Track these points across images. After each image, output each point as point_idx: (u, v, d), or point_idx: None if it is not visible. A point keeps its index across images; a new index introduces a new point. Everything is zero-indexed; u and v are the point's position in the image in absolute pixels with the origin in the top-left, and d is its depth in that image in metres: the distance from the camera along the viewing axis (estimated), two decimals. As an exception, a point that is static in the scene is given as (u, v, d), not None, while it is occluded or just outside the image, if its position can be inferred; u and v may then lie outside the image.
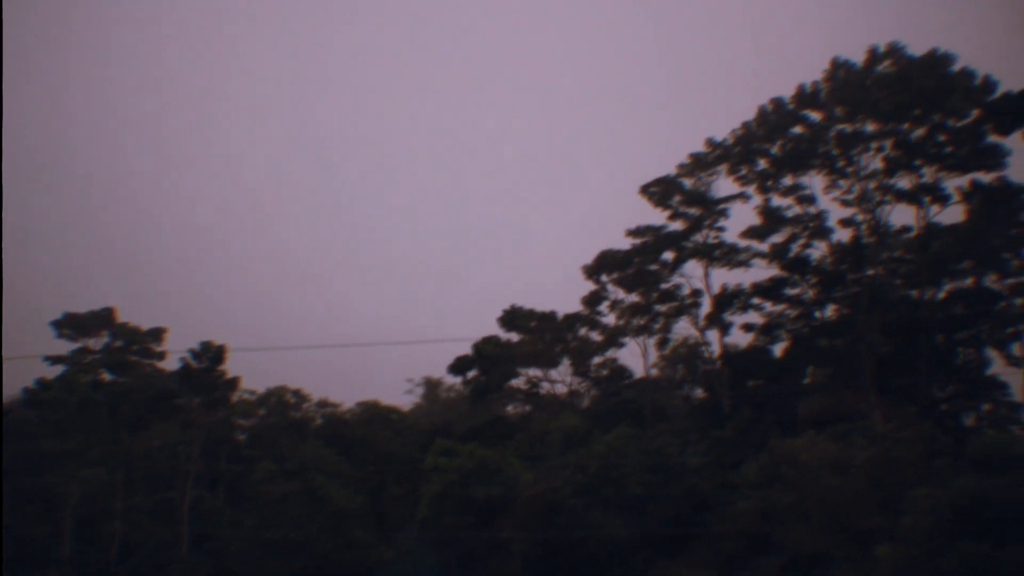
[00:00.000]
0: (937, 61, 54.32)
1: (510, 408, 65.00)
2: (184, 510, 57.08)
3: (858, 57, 57.47)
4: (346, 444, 63.44)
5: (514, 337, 62.29)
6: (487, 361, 61.00)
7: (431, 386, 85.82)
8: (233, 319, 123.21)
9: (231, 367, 60.20)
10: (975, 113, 53.08)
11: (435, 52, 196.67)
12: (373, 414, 68.45)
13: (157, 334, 66.13)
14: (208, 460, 61.90)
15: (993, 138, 52.24)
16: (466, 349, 61.22)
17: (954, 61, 54.19)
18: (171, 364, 62.80)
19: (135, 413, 58.73)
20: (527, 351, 60.81)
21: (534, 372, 62.54)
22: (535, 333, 61.06)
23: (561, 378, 63.02)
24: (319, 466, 56.93)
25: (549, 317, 61.57)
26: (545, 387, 63.20)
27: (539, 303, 64.46)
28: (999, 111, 48.54)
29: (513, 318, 61.68)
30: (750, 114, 60.02)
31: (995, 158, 53.65)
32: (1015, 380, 53.99)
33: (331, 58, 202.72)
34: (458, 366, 62.51)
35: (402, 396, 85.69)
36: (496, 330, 62.54)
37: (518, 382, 62.72)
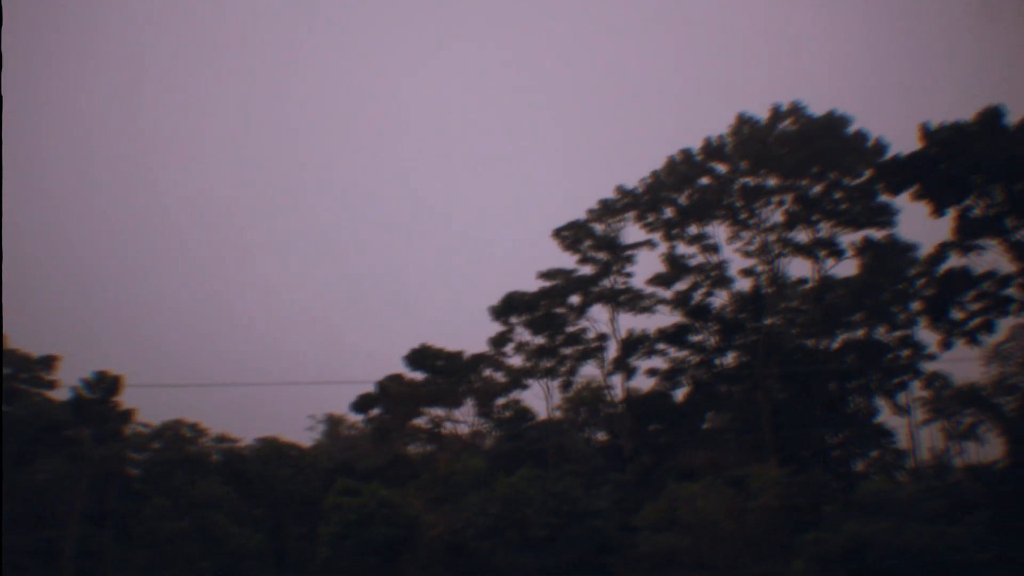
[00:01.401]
0: (835, 122, 57.05)
1: (413, 447, 64.55)
2: (68, 549, 54.74)
3: (763, 113, 59.93)
4: (244, 481, 61.93)
5: (420, 376, 62.09)
6: (391, 399, 60.60)
7: (333, 423, 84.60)
8: (137, 351, 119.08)
9: (127, 399, 58.43)
10: (868, 173, 55.74)
11: (317, 106, 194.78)
12: (272, 450, 67.05)
13: (49, 362, 63.70)
14: (97, 495, 59.55)
15: (884, 197, 54.81)
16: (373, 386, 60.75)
17: (850, 123, 57.05)
18: (64, 394, 60.55)
19: (20, 445, 56.26)
20: (432, 390, 60.65)
21: (438, 412, 62.33)
22: (441, 373, 60.93)
23: (465, 418, 63.01)
24: (215, 503, 55.42)
25: (456, 357, 61.52)
26: (448, 427, 63.10)
27: (451, 342, 64.57)
28: (890, 172, 50.95)
29: (420, 357, 61.48)
30: (656, 163, 61.83)
31: (886, 216, 56.43)
32: (901, 428, 56.47)
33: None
34: (361, 404, 61.94)
35: (303, 433, 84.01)
36: (403, 368, 62.33)
37: (421, 421, 62.43)
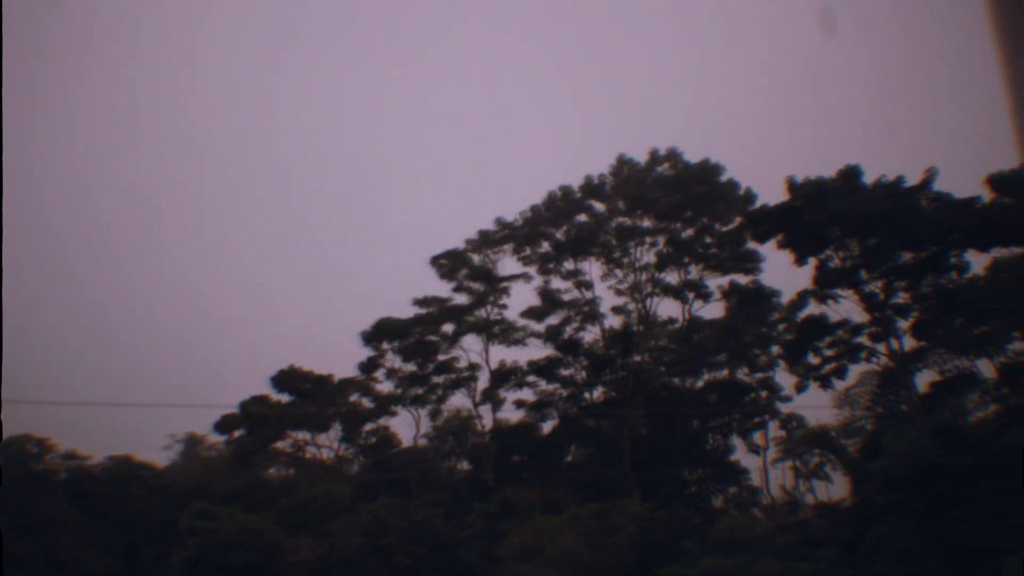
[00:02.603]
0: (709, 169, 59.40)
1: (274, 471, 62.84)
2: None
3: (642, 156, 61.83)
4: (94, 501, 58.88)
5: (286, 399, 60.61)
6: (254, 421, 58.93)
7: (192, 443, 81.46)
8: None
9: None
10: (738, 220, 58.16)
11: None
12: (126, 470, 64.01)
13: None
14: (-72, 515, 55.53)
15: (752, 244, 57.24)
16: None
17: (723, 171, 59.45)
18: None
19: None
20: (297, 413, 59.33)
21: (303, 435, 60.95)
22: (308, 396, 59.66)
23: (330, 443, 61.82)
24: (61, 524, 52.47)
25: (324, 380, 60.34)
26: (312, 451, 61.77)
27: (325, 366, 63.21)
28: (758, 221, 53.33)
29: (287, 379, 60.03)
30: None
31: (752, 262, 58.96)
32: (756, 466, 58.75)
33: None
34: (224, 424, 59.97)
35: (160, 452, 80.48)
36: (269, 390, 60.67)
37: (285, 444, 60.91)
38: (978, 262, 49.69)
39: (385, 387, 61.75)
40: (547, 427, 62.41)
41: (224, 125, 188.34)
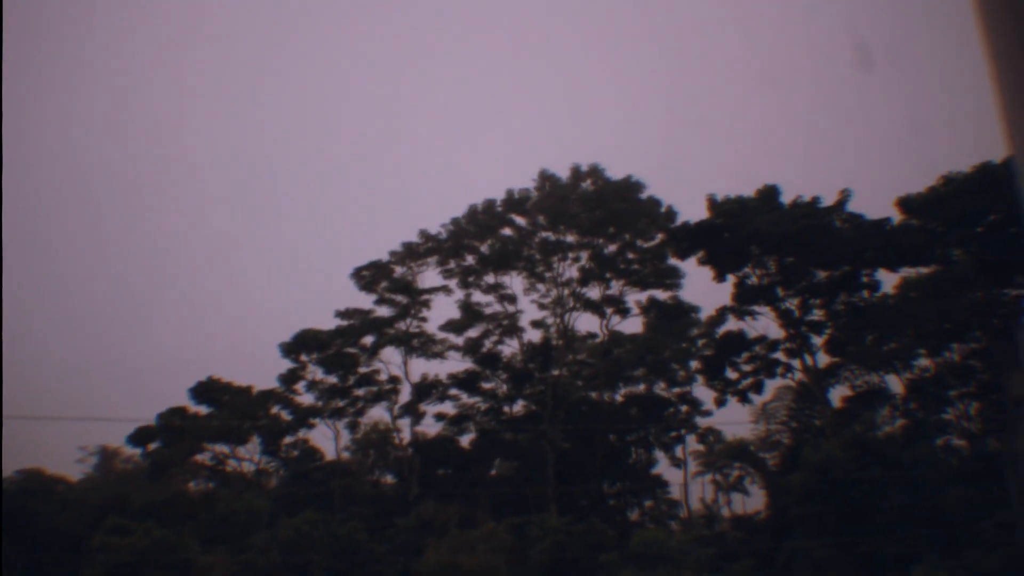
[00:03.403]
0: (632, 186, 59.96)
1: (193, 484, 61.01)
2: None
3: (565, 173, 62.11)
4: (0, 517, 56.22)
5: (205, 410, 58.97)
6: (172, 433, 57.21)
7: (107, 456, 78.69)
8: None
9: None
10: (660, 237, 58.85)
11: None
12: (35, 484, 61.40)
13: None
14: None
15: (673, 261, 57.98)
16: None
17: (645, 188, 60.09)
18: None
19: None
20: (217, 426, 57.78)
21: (222, 448, 59.40)
22: (228, 408, 58.14)
23: (250, 456, 60.38)
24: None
25: (244, 392, 58.94)
26: (232, 464, 60.24)
27: (247, 377, 61.74)
28: (679, 237, 54.10)
29: (206, 390, 58.45)
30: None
31: (673, 278, 59.69)
32: (676, 479, 59.42)
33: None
34: (139, 436, 58.01)
35: (73, 465, 77.39)
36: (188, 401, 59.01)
37: (203, 457, 59.26)
38: (888, 281, 51.32)
39: (306, 399, 60.64)
40: (468, 441, 62.04)
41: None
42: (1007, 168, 43.37)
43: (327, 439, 61.69)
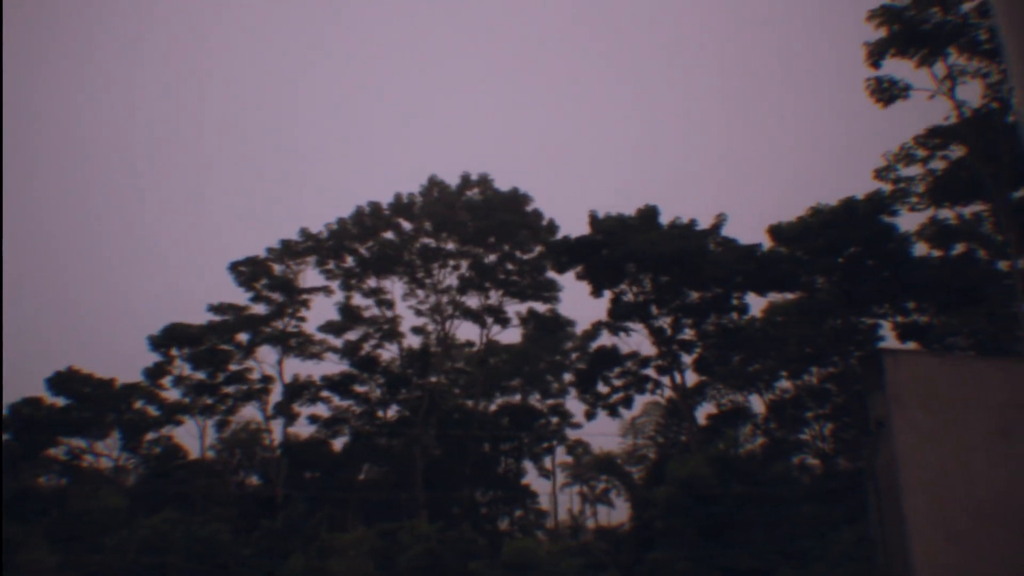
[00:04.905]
0: (518, 198, 60.74)
1: (44, 480, 58.10)
2: None
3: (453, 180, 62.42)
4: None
5: (63, 402, 56.33)
6: (24, 425, 54.42)
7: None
8: None
9: None
10: (539, 249, 59.78)
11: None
12: None
13: None
14: None
15: (552, 274, 58.94)
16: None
17: (531, 201, 60.96)
18: None
19: None
20: (74, 418, 55.30)
21: (79, 442, 56.86)
22: (88, 400, 55.70)
23: (109, 452, 58.03)
24: None
25: (106, 385, 56.59)
26: (88, 460, 57.73)
27: (109, 369, 59.15)
28: (559, 251, 55.07)
29: (65, 381, 55.85)
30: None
31: (551, 291, 60.69)
32: (545, 489, 60.38)
33: None
34: (-14, 428, 55.06)
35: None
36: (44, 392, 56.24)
37: (58, 451, 56.58)
38: (757, 305, 53.73)
39: (173, 395, 58.67)
40: (340, 444, 61.38)
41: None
42: (868, 204, 46.27)
43: (194, 437, 59.87)
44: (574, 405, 59.63)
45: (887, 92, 40.11)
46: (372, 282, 61.66)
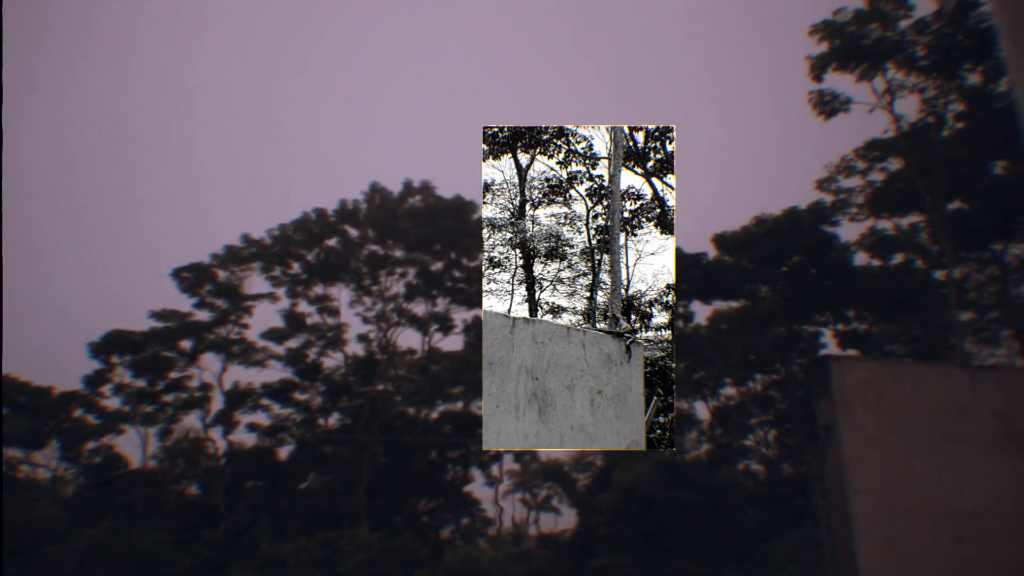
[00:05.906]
0: (463, 206, 60.59)
1: (-23, 492, 56.09)
2: None
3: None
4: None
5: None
6: (-46, 436, 52.62)
7: None
8: None
9: None
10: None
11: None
12: None
13: None
14: None
15: (497, 281, 58.77)
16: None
17: (476, 209, 60.83)
18: None
19: None
20: (9, 427, 53.56)
21: (15, 452, 55.09)
22: (24, 409, 54.04)
23: (47, 462, 56.43)
24: None
25: (44, 392, 55.02)
26: (25, 471, 55.95)
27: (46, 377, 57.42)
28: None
29: (0, 390, 54.13)
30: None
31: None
32: (489, 497, 60.18)
33: None
34: (-87, 437, 53.13)
35: None
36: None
37: (-7, 463, 54.73)
38: (702, 313, 54.27)
39: (114, 403, 57.29)
40: (283, 453, 60.48)
41: None
42: (811, 214, 47.11)
43: (136, 446, 58.44)
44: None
45: (828, 105, 40.90)
46: (319, 289, 61.03)
